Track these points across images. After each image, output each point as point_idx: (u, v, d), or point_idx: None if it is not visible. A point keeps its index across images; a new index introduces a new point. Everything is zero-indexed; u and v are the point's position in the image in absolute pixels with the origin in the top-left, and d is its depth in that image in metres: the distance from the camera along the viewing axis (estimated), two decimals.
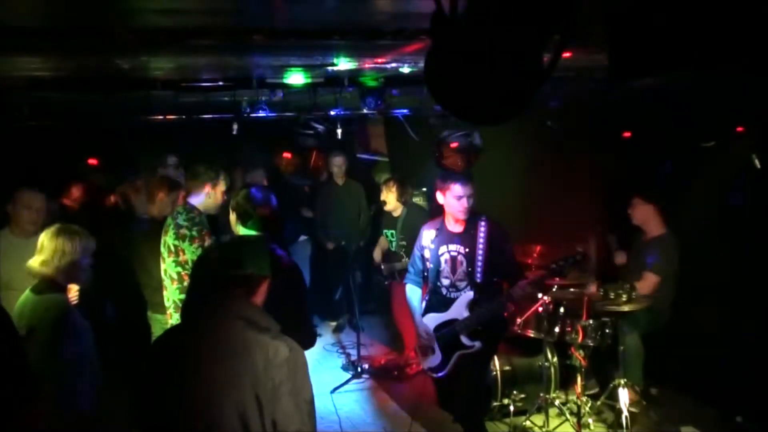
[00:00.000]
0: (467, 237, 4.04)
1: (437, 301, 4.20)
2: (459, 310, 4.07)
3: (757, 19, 1.81)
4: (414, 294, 4.36)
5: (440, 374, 4.22)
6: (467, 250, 4.02)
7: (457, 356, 4.10)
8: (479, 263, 3.96)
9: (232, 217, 3.53)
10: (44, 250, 3.15)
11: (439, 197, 4.11)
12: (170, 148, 6.39)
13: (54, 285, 3.17)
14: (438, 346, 4.19)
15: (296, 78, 4.25)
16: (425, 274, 4.26)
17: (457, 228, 4.09)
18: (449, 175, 4.16)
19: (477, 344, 4.01)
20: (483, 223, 4.01)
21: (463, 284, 4.06)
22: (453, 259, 4.09)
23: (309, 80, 4.27)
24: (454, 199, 4.00)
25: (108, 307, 5.51)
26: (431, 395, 4.77)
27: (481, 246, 3.97)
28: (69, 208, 5.83)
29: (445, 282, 4.14)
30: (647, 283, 4.93)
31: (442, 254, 4.13)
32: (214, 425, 2.13)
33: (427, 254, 4.21)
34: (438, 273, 4.15)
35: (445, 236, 4.14)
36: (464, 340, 4.05)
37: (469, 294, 4.04)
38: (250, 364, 2.15)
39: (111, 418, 3.34)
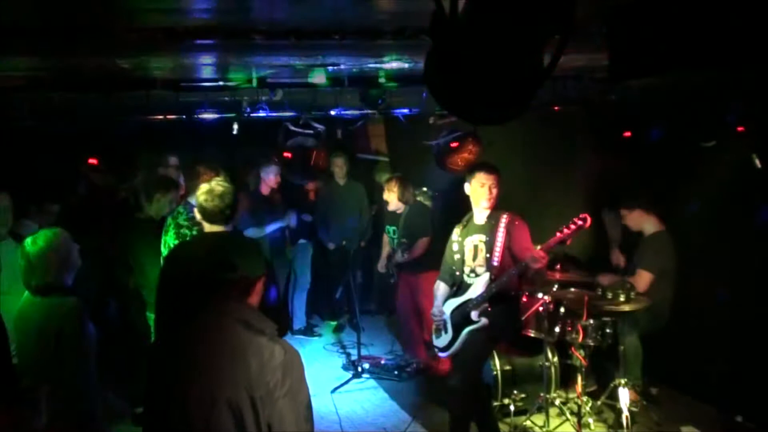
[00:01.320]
0: (488, 227, 4.30)
1: (458, 288, 4.41)
2: (475, 290, 4.27)
3: (757, 19, 1.81)
4: (440, 288, 4.52)
5: (447, 353, 4.42)
6: (487, 238, 4.28)
7: (466, 333, 4.28)
8: (497, 248, 4.22)
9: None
10: (36, 262, 3.16)
11: (467, 188, 4.36)
12: (170, 148, 6.39)
13: (58, 287, 3.18)
14: (450, 325, 4.38)
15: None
16: (455, 272, 4.42)
17: (480, 220, 4.34)
18: (476, 165, 4.50)
19: (483, 320, 4.21)
20: (504, 216, 4.27)
21: (482, 270, 4.28)
22: (475, 247, 4.34)
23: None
24: (479, 186, 4.26)
25: (109, 306, 5.51)
26: (431, 395, 4.77)
27: (500, 234, 4.23)
28: (69, 209, 5.83)
29: (466, 269, 4.36)
30: (641, 280, 4.95)
31: (467, 245, 4.37)
32: (210, 427, 2.12)
33: (455, 247, 4.43)
34: (463, 262, 4.38)
35: (470, 229, 4.39)
36: (473, 315, 4.23)
37: (486, 275, 4.24)
38: (245, 366, 2.14)
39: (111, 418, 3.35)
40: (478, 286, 4.26)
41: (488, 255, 4.26)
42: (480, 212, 4.34)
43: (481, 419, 4.41)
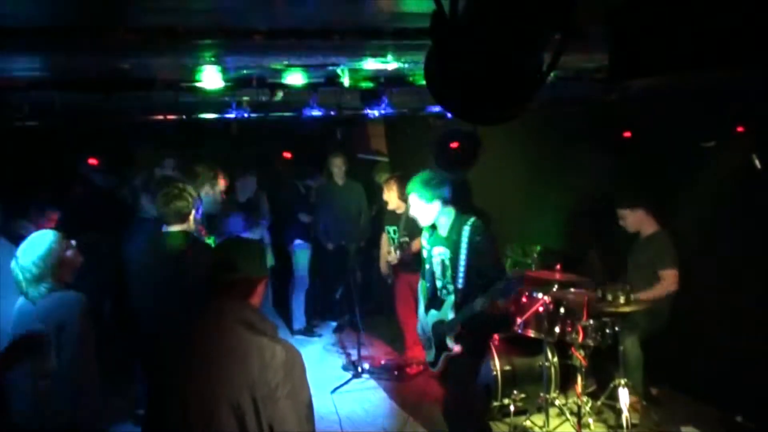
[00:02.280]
0: (451, 242, 3.96)
1: (435, 300, 4.19)
2: (446, 311, 4.03)
3: (757, 19, 1.81)
4: (422, 289, 4.36)
5: (434, 369, 4.24)
6: (452, 255, 3.96)
7: (444, 357, 4.08)
8: (461, 269, 3.88)
9: None
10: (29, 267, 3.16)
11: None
12: (170, 147, 6.39)
13: (56, 287, 3.18)
14: (433, 343, 4.20)
15: (295, 78, 4.24)
16: (430, 281, 4.24)
17: (444, 231, 4.03)
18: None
19: (456, 348, 3.95)
20: (467, 228, 3.90)
21: (451, 288, 4.02)
22: (442, 262, 4.07)
23: (309, 80, 4.26)
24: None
25: (106, 305, 5.51)
26: (431, 395, 4.77)
27: (463, 251, 3.87)
28: (69, 209, 5.82)
29: (438, 283, 4.14)
30: (668, 279, 4.92)
31: (434, 256, 4.12)
32: (212, 427, 2.12)
33: (425, 255, 4.22)
34: (433, 274, 4.15)
35: (435, 237, 4.12)
36: (448, 342, 4.01)
37: (452, 298, 3.98)
38: (247, 366, 2.14)
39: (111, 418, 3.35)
40: (447, 308, 4.00)
41: (453, 274, 3.95)
42: (440, 223, 4.01)
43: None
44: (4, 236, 4.31)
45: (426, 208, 3.95)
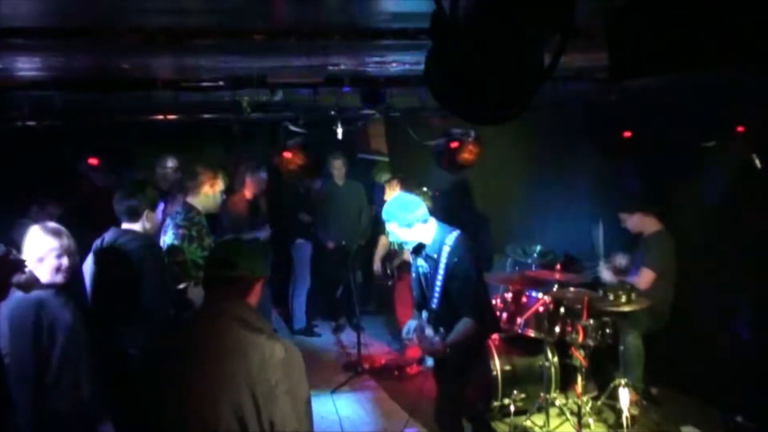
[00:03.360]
0: (431, 258, 3.75)
1: (424, 303, 4.00)
2: (430, 329, 3.79)
3: (757, 19, 1.81)
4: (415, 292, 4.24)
5: (423, 366, 4.14)
6: (431, 272, 3.76)
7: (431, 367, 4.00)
8: (437, 289, 3.69)
9: None
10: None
11: None
12: (170, 147, 6.39)
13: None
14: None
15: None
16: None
17: (427, 245, 3.78)
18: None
19: (429, 363, 3.81)
20: (448, 248, 3.65)
21: (430, 305, 3.80)
22: (424, 275, 3.88)
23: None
24: None
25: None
26: (431, 395, 4.75)
27: (441, 272, 3.66)
28: (70, 209, 5.82)
29: (426, 294, 3.94)
30: (643, 278, 4.95)
31: (419, 266, 3.94)
32: (212, 426, 2.13)
33: (411, 261, 4.06)
34: (419, 284, 3.99)
35: (420, 253, 3.87)
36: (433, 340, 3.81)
37: (425, 316, 3.83)
38: (246, 365, 2.15)
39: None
40: (426, 326, 3.76)
41: (430, 291, 3.73)
42: (423, 239, 3.76)
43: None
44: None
45: (408, 233, 3.71)
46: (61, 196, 5.64)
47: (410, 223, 3.69)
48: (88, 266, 3.79)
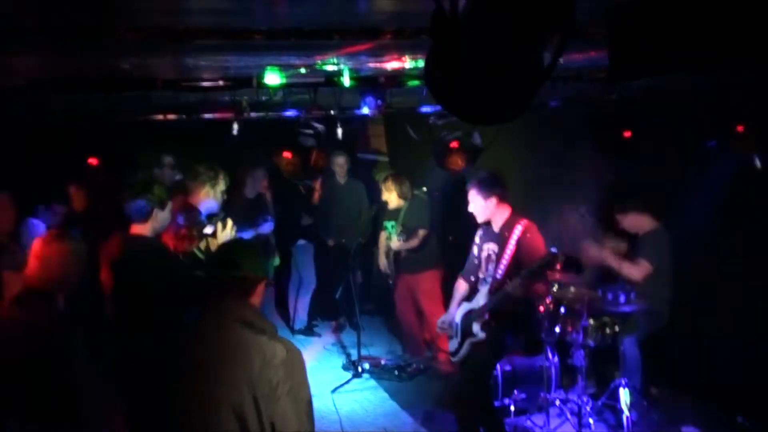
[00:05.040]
0: (501, 237, 4.23)
1: (471, 293, 4.43)
2: (479, 300, 4.26)
3: (757, 19, 1.81)
4: (460, 288, 4.55)
5: (455, 359, 4.45)
6: (498, 249, 4.22)
7: (469, 344, 4.27)
8: (504, 261, 4.16)
9: None
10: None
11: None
12: (170, 147, 6.39)
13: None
14: (459, 331, 4.38)
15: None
16: (474, 275, 4.45)
17: (496, 227, 4.29)
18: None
19: (482, 335, 4.17)
20: (519, 227, 4.17)
21: (490, 279, 4.25)
22: (488, 256, 4.32)
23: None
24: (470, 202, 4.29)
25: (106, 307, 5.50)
26: (431, 395, 4.77)
27: (510, 247, 4.14)
28: (72, 210, 5.83)
29: (480, 275, 4.37)
30: (640, 268, 4.94)
31: (483, 251, 4.37)
32: (212, 427, 2.13)
33: (475, 251, 4.45)
34: (478, 267, 4.40)
35: (487, 235, 4.37)
36: (475, 328, 4.21)
37: (487, 286, 4.22)
38: (248, 365, 2.15)
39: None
40: (481, 297, 4.24)
41: (495, 265, 4.22)
42: (495, 220, 4.29)
43: (487, 420, 4.37)
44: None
45: (483, 204, 4.24)
46: (65, 197, 5.66)
47: (488, 194, 4.22)
48: None
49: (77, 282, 3.17)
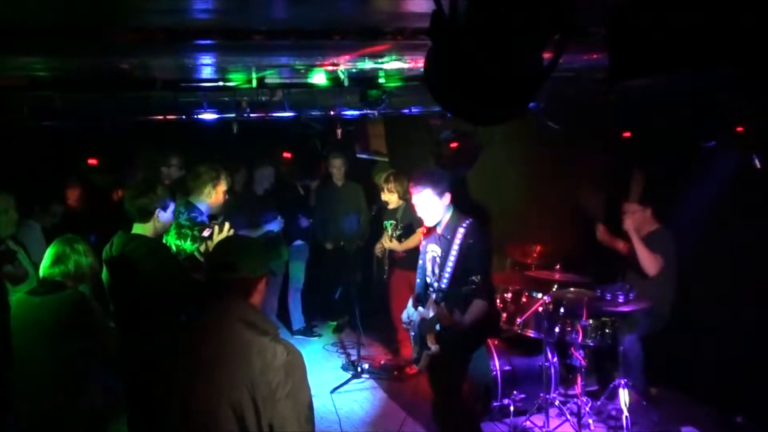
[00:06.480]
0: (445, 241, 3.92)
1: (424, 296, 4.14)
2: (428, 310, 3.96)
3: (757, 19, 1.81)
4: (417, 284, 4.31)
5: (417, 366, 4.16)
6: (443, 254, 3.92)
7: (425, 355, 3.99)
8: (448, 268, 3.84)
9: None
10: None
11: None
12: (170, 147, 6.39)
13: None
14: (418, 338, 4.11)
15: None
16: (426, 278, 4.21)
17: (441, 229, 3.99)
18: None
19: (435, 348, 3.87)
20: (463, 229, 3.85)
21: (437, 286, 3.95)
22: (433, 260, 4.05)
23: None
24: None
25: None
26: (430, 394, 4.75)
27: (454, 252, 3.82)
28: (71, 210, 5.83)
29: (428, 280, 4.13)
30: (655, 258, 4.91)
31: (427, 253, 4.13)
32: (211, 427, 2.12)
33: (421, 249, 4.23)
34: (425, 270, 4.15)
35: (432, 236, 4.11)
36: (428, 340, 3.93)
37: (433, 295, 3.94)
38: (248, 366, 2.14)
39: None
40: (430, 308, 3.90)
41: (440, 273, 3.90)
42: (441, 221, 3.97)
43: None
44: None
45: (437, 204, 3.91)
46: (62, 197, 5.66)
47: (442, 191, 3.88)
48: None
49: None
